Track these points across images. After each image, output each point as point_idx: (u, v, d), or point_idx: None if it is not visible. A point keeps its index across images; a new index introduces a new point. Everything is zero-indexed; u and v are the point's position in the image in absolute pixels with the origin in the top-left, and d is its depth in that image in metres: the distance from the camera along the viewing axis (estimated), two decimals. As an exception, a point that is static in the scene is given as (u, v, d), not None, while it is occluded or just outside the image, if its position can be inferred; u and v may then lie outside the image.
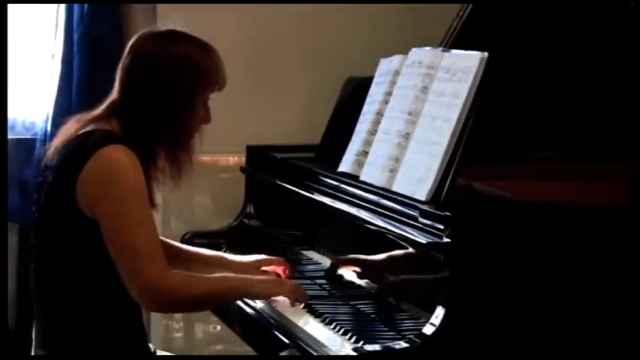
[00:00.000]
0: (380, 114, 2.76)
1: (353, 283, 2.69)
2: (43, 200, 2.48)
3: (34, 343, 2.55)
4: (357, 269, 2.67)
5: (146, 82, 2.48)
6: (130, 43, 2.53)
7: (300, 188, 2.91)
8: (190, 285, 2.45)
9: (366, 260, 2.63)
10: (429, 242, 2.25)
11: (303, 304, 2.58)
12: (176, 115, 2.49)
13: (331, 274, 2.76)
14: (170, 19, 2.66)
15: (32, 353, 2.56)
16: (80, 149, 2.43)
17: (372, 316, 2.51)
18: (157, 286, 2.39)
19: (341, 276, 2.74)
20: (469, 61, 2.45)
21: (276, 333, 2.48)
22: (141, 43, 2.52)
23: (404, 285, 2.46)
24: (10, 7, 3.84)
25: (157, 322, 4.01)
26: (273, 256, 2.81)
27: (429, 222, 2.29)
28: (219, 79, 2.54)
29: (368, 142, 2.75)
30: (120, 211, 2.38)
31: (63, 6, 3.94)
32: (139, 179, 2.41)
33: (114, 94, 2.53)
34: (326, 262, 2.87)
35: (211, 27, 2.59)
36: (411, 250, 2.36)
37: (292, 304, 2.57)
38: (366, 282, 2.64)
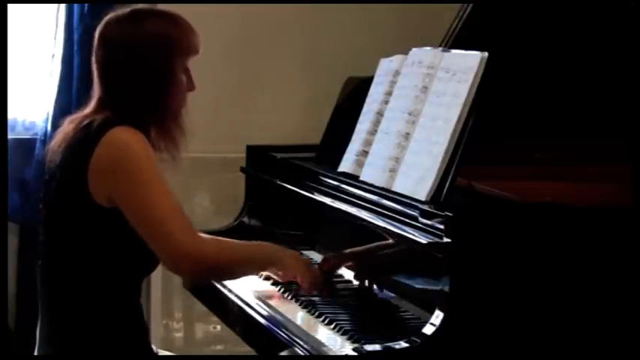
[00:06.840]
0: (380, 114, 2.75)
1: (352, 282, 2.69)
2: (52, 196, 2.49)
3: (37, 342, 2.55)
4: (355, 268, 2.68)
5: (123, 67, 2.49)
6: (97, 32, 2.54)
7: (300, 188, 2.91)
8: (221, 250, 2.53)
9: (366, 259, 2.64)
10: (429, 242, 2.25)
11: (299, 303, 2.59)
12: (160, 92, 2.51)
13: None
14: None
15: (36, 352, 2.56)
16: (85, 139, 2.45)
17: (372, 316, 2.51)
18: (188, 252, 2.44)
19: (341, 276, 2.74)
20: (469, 61, 2.45)
21: (276, 333, 2.48)
22: (108, 30, 2.53)
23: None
24: (10, 7, 3.84)
25: (157, 322, 4.01)
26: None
27: (429, 222, 2.29)
28: (192, 46, 2.55)
29: (368, 142, 2.75)
30: (140, 186, 2.41)
31: (63, 6, 3.94)
32: (151, 153, 2.44)
33: (96, 89, 2.54)
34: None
35: (211, 27, 2.59)
36: (411, 250, 2.36)
37: (308, 291, 2.62)
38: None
